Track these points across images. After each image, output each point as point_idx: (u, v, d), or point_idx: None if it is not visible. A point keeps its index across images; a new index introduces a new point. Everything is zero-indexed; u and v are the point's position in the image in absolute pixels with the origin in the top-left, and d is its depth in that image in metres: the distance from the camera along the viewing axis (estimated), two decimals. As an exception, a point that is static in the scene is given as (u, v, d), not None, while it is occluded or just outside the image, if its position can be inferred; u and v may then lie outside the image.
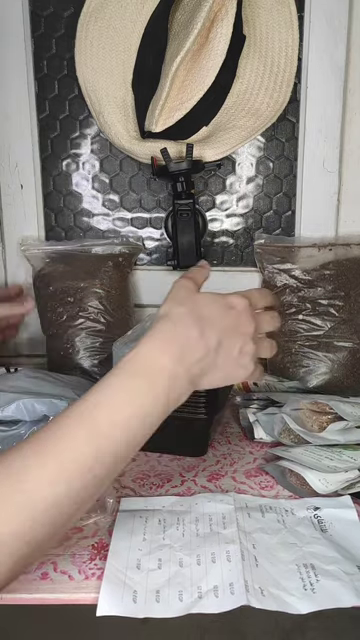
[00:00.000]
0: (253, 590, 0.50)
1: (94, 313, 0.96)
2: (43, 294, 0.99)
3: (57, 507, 0.44)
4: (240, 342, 0.56)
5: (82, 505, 0.46)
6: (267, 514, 0.62)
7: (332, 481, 0.65)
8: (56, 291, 0.97)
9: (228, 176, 1.04)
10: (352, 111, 1.00)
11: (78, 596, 0.51)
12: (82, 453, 0.46)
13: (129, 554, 0.55)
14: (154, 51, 0.93)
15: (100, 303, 0.96)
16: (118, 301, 0.98)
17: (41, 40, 1.00)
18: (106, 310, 0.97)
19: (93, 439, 0.47)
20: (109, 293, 0.97)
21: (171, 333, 0.53)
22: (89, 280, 0.97)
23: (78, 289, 0.97)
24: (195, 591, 0.51)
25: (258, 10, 0.93)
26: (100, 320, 0.96)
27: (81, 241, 1.04)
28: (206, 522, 0.61)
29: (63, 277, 0.98)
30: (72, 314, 0.96)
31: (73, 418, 0.47)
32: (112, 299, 0.98)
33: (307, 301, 0.94)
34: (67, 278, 0.97)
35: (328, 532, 0.59)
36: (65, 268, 0.99)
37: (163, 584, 0.52)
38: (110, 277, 0.98)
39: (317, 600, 0.50)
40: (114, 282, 0.99)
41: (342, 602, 0.50)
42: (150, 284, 1.07)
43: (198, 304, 0.56)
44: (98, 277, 0.98)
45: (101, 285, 0.97)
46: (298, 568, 0.54)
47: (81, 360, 0.94)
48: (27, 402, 0.69)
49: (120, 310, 0.98)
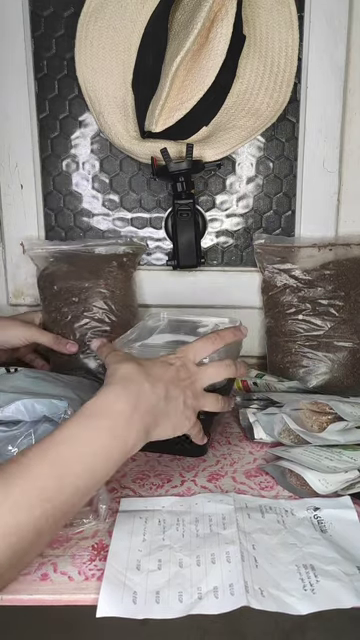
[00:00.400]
0: (253, 591, 0.50)
1: (99, 313, 0.96)
2: (47, 294, 0.99)
3: (17, 534, 0.47)
4: (182, 394, 0.62)
5: (41, 536, 0.49)
6: (267, 514, 0.62)
7: (332, 481, 0.65)
8: (60, 291, 0.97)
9: (228, 176, 1.04)
10: (352, 111, 1.00)
11: (78, 597, 0.51)
12: (44, 484, 0.49)
13: (129, 555, 0.55)
14: (154, 51, 0.93)
15: (105, 303, 0.96)
16: (123, 301, 0.98)
17: (41, 40, 1.00)
18: (111, 310, 0.96)
19: (56, 472, 0.50)
20: (114, 293, 0.97)
21: (126, 384, 0.59)
22: (93, 280, 0.97)
23: (83, 289, 0.96)
24: (195, 592, 0.51)
25: (258, 10, 0.93)
26: (105, 320, 0.96)
27: (85, 241, 1.04)
28: (206, 523, 0.61)
29: (67, 277, 0.97)
30: (77, 314, 0.95)
31: (39, 452, 0.51)
32: (117, 299, 0.97)
33: (307, 301, 0.94)
34: (71, 278, 0.97)
35: (328, 532, 0.59)
36: (69, 268, 0.99)
37: (163, 585, 0.52)
38: (115, 277, 0.98)
39: (317, 601, 0.50)
40: (119, 282, 0.98)
41: (342, 603, 0.50)
42: (150, 284, 1.07)
43: (144, 364, 0.62)
44: (102, 277, 0.97)
45: (106, 285, 0.97)
46: (298, 569, 0.54)
47: (86, 360, 0.94)
48: (27, 402, 0.69)
49: (125, 310, 0.98)
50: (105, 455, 0.54)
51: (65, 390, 0.75)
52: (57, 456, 0.51)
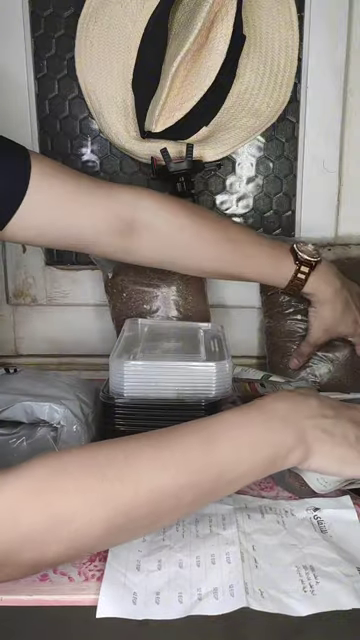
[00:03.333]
0: (253, 592, 0.50)
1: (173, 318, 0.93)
2: (116, 301, 0.96)
3: (159, 494, 0.49)
4: (355, 429, 0.57)
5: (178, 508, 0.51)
6: (267, 515, 0.62)
7: (330, 481, 0.65)
8: (130, 298, 0.94)
9: (228, 176, 1.04)
10: (352, 111, 1.00)
11: (78, 597, 0.51)
12: (193, 457, 0.50)
13: (129, 555, 0.55)
14: (154, 51, 0.93)
15: (178, 311, 0.94)
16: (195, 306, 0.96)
17: (41, 40, 0.99)
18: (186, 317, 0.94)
19: (205, 449, 0.51)
20: (186, 300, 0.95)
21: (292, 394, 0.58)
22: (164, 288, 0.94)
23: (153, 296, 0.94)
24: (195, 593, 0.51)
25: (258, 10, 0.93)
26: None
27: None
28: (206, 523, 0.61)
29: (136, 283, 0.95)
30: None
31: (194, 427, 0.53)
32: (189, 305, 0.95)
33: (306, 301, 0.94)
34: (139, 284, 0.95)
35: (328, 533, 0.59)
36: (136, 275, 0.95)
37: (163, 586, 0.52)
38: (186, 283, 0.95)
39: (317, 602, 0.50)
40: (191, 288, 0.96)
41: (341, 604, 0.50)
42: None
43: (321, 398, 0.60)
44: (174, 284, 0.95)
45: (178, 292, 0.95)
46: (298, 570, 0.54)
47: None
48: (26, 405, 0.69)
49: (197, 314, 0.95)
50: (253, 446, 0.52)
51: (65, 391, 0.75)
52: (209, 435, 0.52)
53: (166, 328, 0.87)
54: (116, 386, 0.72)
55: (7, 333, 1.10)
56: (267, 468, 0.53)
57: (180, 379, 0.72)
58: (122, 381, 0.71)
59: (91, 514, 0.47)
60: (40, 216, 0.71)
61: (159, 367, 0.72)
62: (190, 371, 0.72)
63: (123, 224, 0.75)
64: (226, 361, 0.72)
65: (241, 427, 0.53)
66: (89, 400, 0.74)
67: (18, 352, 1.10)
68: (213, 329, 0.86)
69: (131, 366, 0.72)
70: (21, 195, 0.69)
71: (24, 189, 0.69)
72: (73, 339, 1.10)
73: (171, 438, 0.52)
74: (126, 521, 0.49)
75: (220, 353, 0.77)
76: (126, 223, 0.75)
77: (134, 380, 0.71)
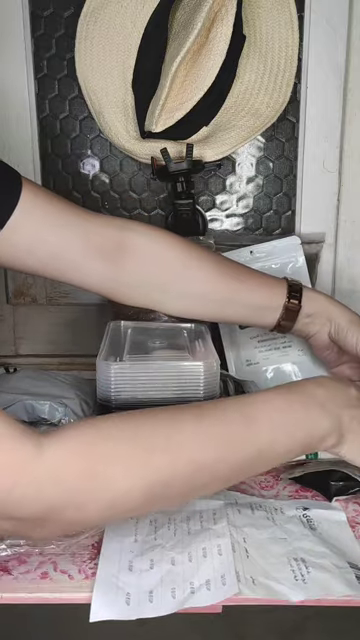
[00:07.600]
0: (245, 580, 0.50)
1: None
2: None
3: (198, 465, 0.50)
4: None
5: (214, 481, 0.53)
6: (257, 511, 0.62)
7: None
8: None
9: (228, 176, 1.04)
10: (352, 111, 1.00)
11: (78, 595, 0.51)
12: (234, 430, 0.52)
13: (121, 556, 0.55)
14: (154, 51, 0.93)
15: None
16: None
17: (41, 40, 1.00)
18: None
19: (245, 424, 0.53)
20: None
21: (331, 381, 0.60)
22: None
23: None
24: (187, 587, 0.51)
25: (258, 10, 0.93)
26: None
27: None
28: (197, 519, 0.61)
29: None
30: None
31: (236, 402, 0.56)
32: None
33: (307, 301, 0.94)
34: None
35: (317, 530, 0.60)
36: None
37: (156, 584, 0.51)
38: None
39: (308, 590, 0.50)
40: None
41: (333, 592, 0.50)
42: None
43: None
44: None
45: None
46: (289, 561, 0.54)
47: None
48: (27, 403, 0.69)
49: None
50: (290, 431, 0.54)
51: (65, 390, 0.75)
52: (250, 411, 0.54)
53: (150, 329, 0.86)
54: (104, 389, 0.70)
55: (7, 333, 1.10)
56: (301, 451, 0.56)
57: (168, 379, 0.70)
58: (110, 383, 0.69)
59: (132, 481, 0.48)
60: (27, 234, 0.69)
61: (147, 368, 0.71)
62: (178, 370, 0.71)
63: (113, 245, 0.74)
64: (213, 360, 0.72)
65: (282, 411, 0.55)
66: (89, 399, 0.75)
67: (18, 352, 1.10)
68: (196, 329, 0.85)
69: (118, 368, 0.70)
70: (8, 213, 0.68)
71: (13, 205, 0.68)
72: (73, 339, 1.10)
73: (213, 413, 0.53)
74: (164, 490, 0.50)
75: (206, 352, 0.76)
76: (116, 244, 0.74)
77: (121, 382, 0.70)
